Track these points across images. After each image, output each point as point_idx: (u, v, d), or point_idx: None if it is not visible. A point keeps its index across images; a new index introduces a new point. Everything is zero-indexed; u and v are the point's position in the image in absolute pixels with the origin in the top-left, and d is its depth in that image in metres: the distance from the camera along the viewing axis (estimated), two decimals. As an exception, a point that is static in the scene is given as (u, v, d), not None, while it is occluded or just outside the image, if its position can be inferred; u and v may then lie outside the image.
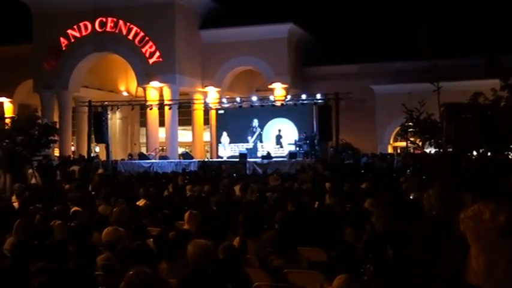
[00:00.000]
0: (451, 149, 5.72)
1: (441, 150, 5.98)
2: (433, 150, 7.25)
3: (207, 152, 34.96)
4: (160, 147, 31.77)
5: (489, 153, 7.17)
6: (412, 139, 8.05)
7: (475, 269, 4.93)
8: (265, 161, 25.17)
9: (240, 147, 29.41)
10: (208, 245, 5.45)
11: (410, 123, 6.97)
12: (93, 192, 13.35)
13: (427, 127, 6.70)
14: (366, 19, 33.85)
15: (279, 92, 31.70)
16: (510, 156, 7.83)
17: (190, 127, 34.30)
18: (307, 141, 26.13)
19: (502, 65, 7.98)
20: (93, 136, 28.25)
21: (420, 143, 6.75)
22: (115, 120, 37.37)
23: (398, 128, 26.20)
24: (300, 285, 5.96)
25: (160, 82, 30.61)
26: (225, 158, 28.76)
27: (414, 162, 7.72)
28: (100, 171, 19.53)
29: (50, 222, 7.70)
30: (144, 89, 31.40)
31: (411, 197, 8.83)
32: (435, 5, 6.12)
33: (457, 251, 5.10)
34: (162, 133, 31.99)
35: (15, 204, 10.81)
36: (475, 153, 7.44)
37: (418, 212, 6.62)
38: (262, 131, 29.87)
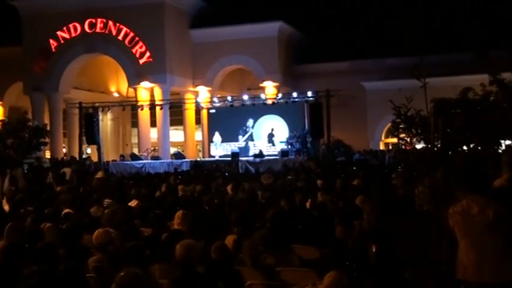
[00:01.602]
0: (439, 145, 5.74)
1: (429, 146, 6.00)
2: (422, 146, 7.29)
3: (199, 151, 34.96)
4: (152, 148, 31.73)
5: (479, 148, 7.21)
6: (402, 135, 8.08)
7: (464, 263, 4.96)
8: (258, 159, 25.20)
9: (232, 146, 29.42)
10: (195, 244, 5.46)
11: (398, 120, 7.00)
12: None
13: (417, 123, 6.74)
14: (356, 16, 33.94)
15: (270, 90, 31.72)
16: (500, 151, 7.87)
17: (181, 127, 34.29)
18: (299, 139, 26.18)
19: (491, 60, 8.01)
20: (84, 137, 28.18)
21: (409, 139, 6.78)
22: (106, 121, 37.27)
23: (389, 125, 26.24)
24: (292, 283, 5.96)
25: (151, 82, 30.56)
26: (217, 157, 28.77)
27: (405, 158, 7.74)
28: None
29: (40, 225, 7.67)
30: (135, 90, 31.34)
31: (402, 193, 8.85)
32: (422, 0, 6.14)
33: (446, 246, 5.12)
34: (153, 133, 31.95)
35: (6, 208, 10.75)
36: (465, 148, 7.47)
37: (409, 208, 6.64)
38: (253, 128, 29.87)
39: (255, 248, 6.75)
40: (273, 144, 29.23)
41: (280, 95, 28.72)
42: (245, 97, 28.57)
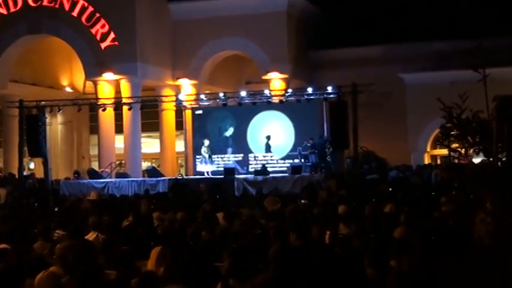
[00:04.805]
0: (505, 158, 5.74)
1: (491, 160, 6.01)
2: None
3: (181, 166, 34.98)
4: (118, 162, 31.73)
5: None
6: (455, 145, 8.08)
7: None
8: (260, 177, 25.17)
9: (226, 160, 29.46)
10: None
11: (449, 124, 6.97)
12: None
13: (474, 128, 6.70)
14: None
15: (276, 84, 31.82)
16: None
17: (157, 133, 34.34)
18: (316, 150, 26.22)
19: None
20: (26, 147, 28.20)
21: (463, 151, 6.75)
22: (56, 125, 37.37)
23: (437, 131, 26.32)
24: None
25: (117, 74, 30.64)
26: (205, 175, 28.74)
27: (459, 176, 7.72)
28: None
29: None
30: (95, 84, 31.42)
31: (454, 223, 8.86)
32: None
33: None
34: (119, 142, 31.98)
35: None
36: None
37: (464, 243, 6.65)
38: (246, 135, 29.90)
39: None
40: (270, 151, 29.12)
41: (290, 91, 28.74)
42: (243, 93, 28.57)
